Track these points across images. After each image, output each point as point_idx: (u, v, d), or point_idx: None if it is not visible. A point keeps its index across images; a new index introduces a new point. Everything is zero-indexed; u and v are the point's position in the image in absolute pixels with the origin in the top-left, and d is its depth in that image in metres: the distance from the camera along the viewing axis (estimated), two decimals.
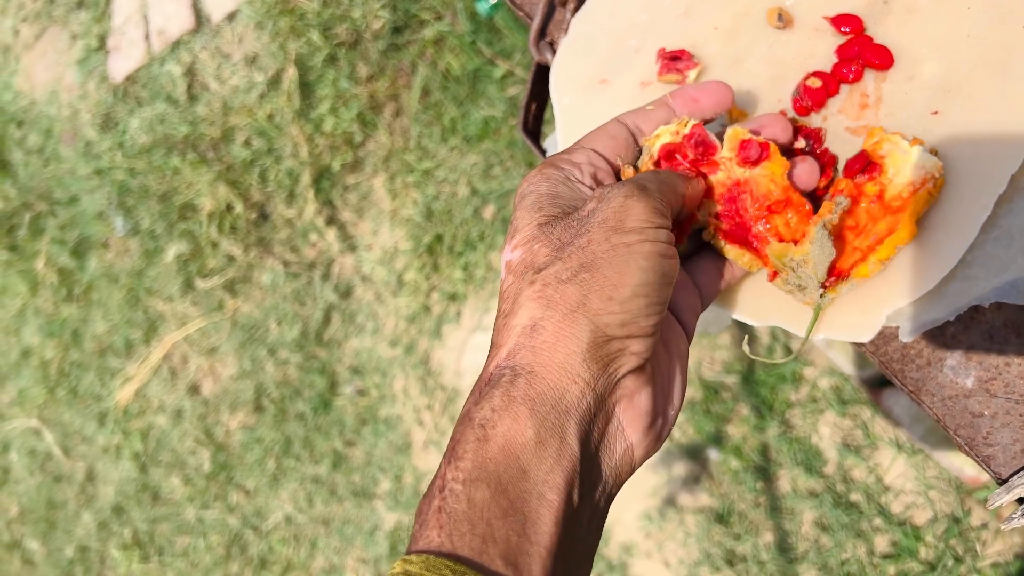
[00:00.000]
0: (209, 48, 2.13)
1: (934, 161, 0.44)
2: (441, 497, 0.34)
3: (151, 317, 2.22)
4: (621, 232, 0.38)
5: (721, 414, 1.52)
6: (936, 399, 0.46)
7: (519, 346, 0.37)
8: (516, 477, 0.34)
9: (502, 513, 0.34)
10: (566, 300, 0.37)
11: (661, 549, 1.53)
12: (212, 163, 2.10)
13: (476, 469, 0.34)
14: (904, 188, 0.44)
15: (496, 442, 0.35)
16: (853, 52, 0.50)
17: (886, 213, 0.44)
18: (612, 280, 0.37)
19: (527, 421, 0.35)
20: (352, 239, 1.96)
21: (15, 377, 2.51)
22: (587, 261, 0.37)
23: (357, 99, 1.92)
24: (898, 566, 1.33)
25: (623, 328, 0.37)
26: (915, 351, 0.47)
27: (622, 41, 0.56)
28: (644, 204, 0.39)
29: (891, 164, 0.44)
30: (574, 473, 0.35)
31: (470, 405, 0.37)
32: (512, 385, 0.36)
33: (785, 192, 0.45)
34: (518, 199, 0.43)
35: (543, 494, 0.34)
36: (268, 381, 2.03)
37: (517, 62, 1.74)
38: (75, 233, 2.38)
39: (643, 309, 0.37)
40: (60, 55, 2.46)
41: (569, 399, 0.36)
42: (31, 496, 2.45)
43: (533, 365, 0.36)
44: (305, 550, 1.94)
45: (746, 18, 0.54)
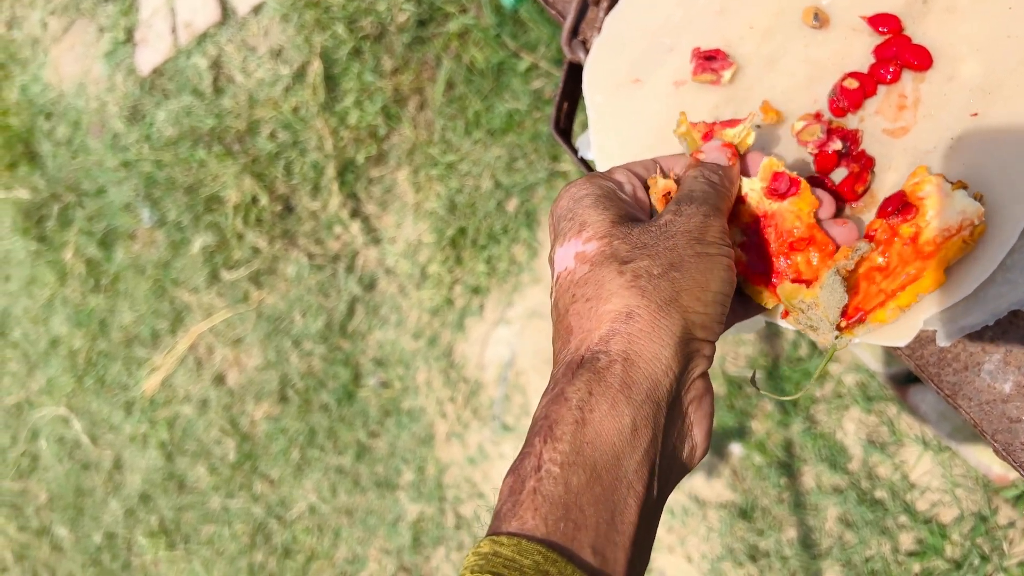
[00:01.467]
0: (235, 41, 2.14)
1: (976, 207, 0.42)
2: (537, 478, 0.34)
3: (177, 308, 2.24)
4: (704, 243, 0.40)
5: (745, 409, 1.52)
6: (973, 403, 0.46)
7: (613, 331, 0.37)
8: (610, 464, 0.35)
9: (595, 500, 0.34)
10: (660, 293, 0.38)
11: (684, 544, 1.53)
12: (238, 156, 2.12)
13: (574, 452, 0.34)
14: (939, 233, 0.42)
15: (594, 427, 0.35)
16: (891, 52, 0.49)
17: (916, 257, 0.43)
18: (700, 282, 0.39)
19: (624, 408, 0.35)
20: (376, 232, 1.96)
21: (44, 366, 2.55)
22: (676, 261, 0.39)
23: (381, 92, 1.93)
24: (923, 564, 1.33)
25: (703, 330, 0.39)
26: (952, 355, 0.47)
27: (656, 39, 0.56)
28: (720, 224, 0.41)
29: (930, 206, 0.43)
30: (655, 464, 0.36)
31: (564, 384, 0.37)
32: (608, 371, 0.36)
33: (810, 230, 0.44)
34: (570, 202, 0.43)
35: (632, 483, 0.35)
36: (292, 372, 2.04)
37: (542, 55, 1.74)
38: (103, 224, 2.41)
39: (719, 315, 0.40)
40: (88, 48, 2.48)
41: (661, 390, 0.37)
42: (60, 483, 2.49)
43: (629, 352, 0.37)
44: (328, 540, 1.96)
45: (782, 17, 0.53)
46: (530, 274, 1.75)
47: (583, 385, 0.36)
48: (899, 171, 0.48)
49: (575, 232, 0.42)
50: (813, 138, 0.48)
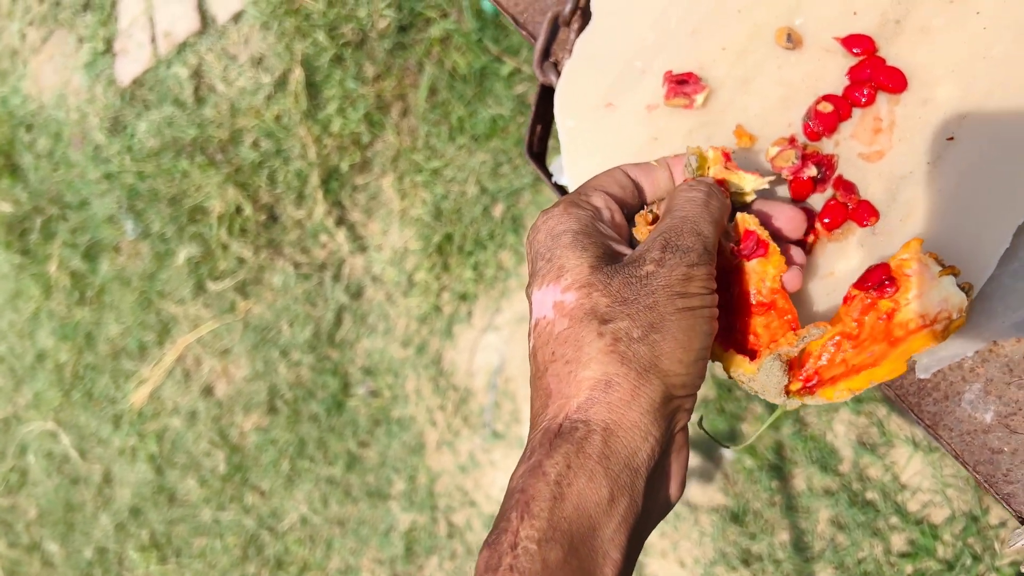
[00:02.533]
0: (215, 50, 2.12)
1: (960, 298, 0.40)
2: (513, 555, 0.34)
3: (163, 320, 2.23)
4: (685, 297, 0.39)
5: (735, 413, 1.51)
6: (954, 434, 0.45)
7: (592, 400, 0.37)
8: (586, 536, 0.35)
9: (571, 574, 0.34)
10: (639, 359, 0.37)
11: (676, 549, 1.52)
12: (221, 165, 2.10)
13: (551, 528, 0.35)
14: (915, 318, 0.40)
15: (571, 500, 0.35)
16: (865, 74, 0.48)
17: (884, 338, 0.41)
18: (682, 343, 0.38)
19: (602, 479, 0.36)
20: (362, 240, 1.95)
21: (31, 380, 2.53)
22: (655, 322, 0.38)
23: (364, 99, 1.91)
24: (915, 565, 1.32)
25: (684, 389, 0.38)
26: (932, 384, 0.46)
27: (628, 63, 0.55)
28: (705, 272, 0.40)
29: (914, 285, 0.40)
30: (633, 528, 0.36)
31: (541, 456, 0.37)
32: (587, 441, 0.36)
33: (772, 295, 0.43)
34: (548, 239, 0.42)
35: (608, 553, 0.35)
36: (281, 382, 2.03)
37: (524, 59, 1.73)
38: (86, 237, 2.38)
39: (700, 371, 0.39)
40: (67, 58, 2.46)
41: (640, 457, 0.37)
42: (49, 498, 2.47)
43: (608, 423, 0.37)
44: (321, 551, 1.95)
45: (755, 38, 0.52)
46: (517, 279, 1.74)
47: (561, 459, 0.36)
48: (875, 197, 0.47)
49: (553, 277, 0.41)
50: (788, 164, 0.47)
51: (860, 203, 0.46)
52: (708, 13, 0.54)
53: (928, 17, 0.48)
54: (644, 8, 0.55)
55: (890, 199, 0.46)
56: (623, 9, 0.56)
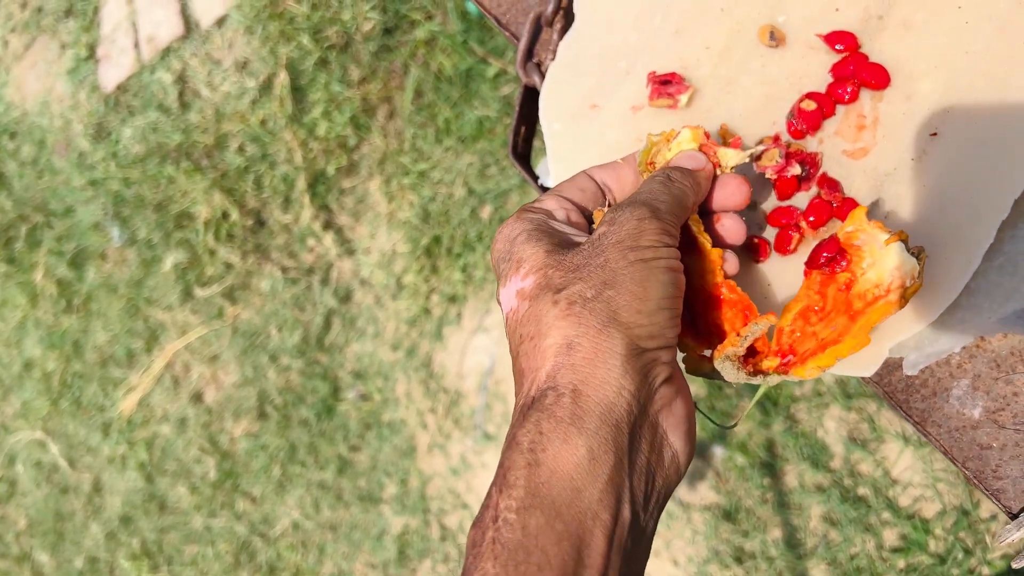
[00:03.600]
0: (199, 54, 2.11)
1: (912, 264, 0.39)
2: (495, 528, 0.34)
3: (151, 326, 2.21)
4: (637, 250, 0.39)
5: (726, 410, 1.51)
6: (943, 430, 0.45)
7: (558, 366, 0.37)
8: (570, 499, 0.34)
9: (557, 539, 0.33)
10: (596, 316, 0.37)
11: (669, 547, 1.52)
12: (207, 171, 2.09)
13: (529, 495, 0.34)
14: (871, 288, 0.40)
15: (547, 465, 0.35)
16: (848, 71, 0.48)
17: (845, 311, 0.40)
18: (637, 295, 0.37)
19: (577, 440, 0.35)
20: (350, 243, 1.94)
21: (18, 389, 2.51)
22: (608, 279, 0.38)
23: (350, 102, 1.90)
24: (908, 559, 1.33)
25: (653, 340, 0.38)
26: (919, 380, 0.46)
27: (612, 63, 0.55)
28: (657, 225, 0.40)
29: (867, 254, 0.40)
30: (624, 487, 0.35)
31: (516, 429, 0.36)
32: (557, 405, 0.36)
33: (717, 290, 0.43)
34: (505, 244, 0.43)
35: (597, 514, 0.34)
36: (271, 388, 2.02)
37: (509, 60, 1.73)
38: (72, 244, 2.37)
39: (667, 321, 0.38)
40: (50, 65, 2.44)
41: (617, 412, 0.36)
42: (39, 508, 2.45)
43: (575, 383, 0.36)
44: (313, 556, 1.94)
45: (738, 36, 0.52)
46: None
47: (533, 426, 0.35)
48: (860, 194, 0.47)
49: (514, 270, 0.41)
50: (772, 163, 0.47)
51: (845, 200, 0.46)
52: (691, 12, 0.53)
53: (910, 12, 0.48)
54: (626, 8, 0.55)
55: (875, 195, 0.46)
56: (605, 9, 0.56)
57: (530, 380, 0.38)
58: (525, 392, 0.38)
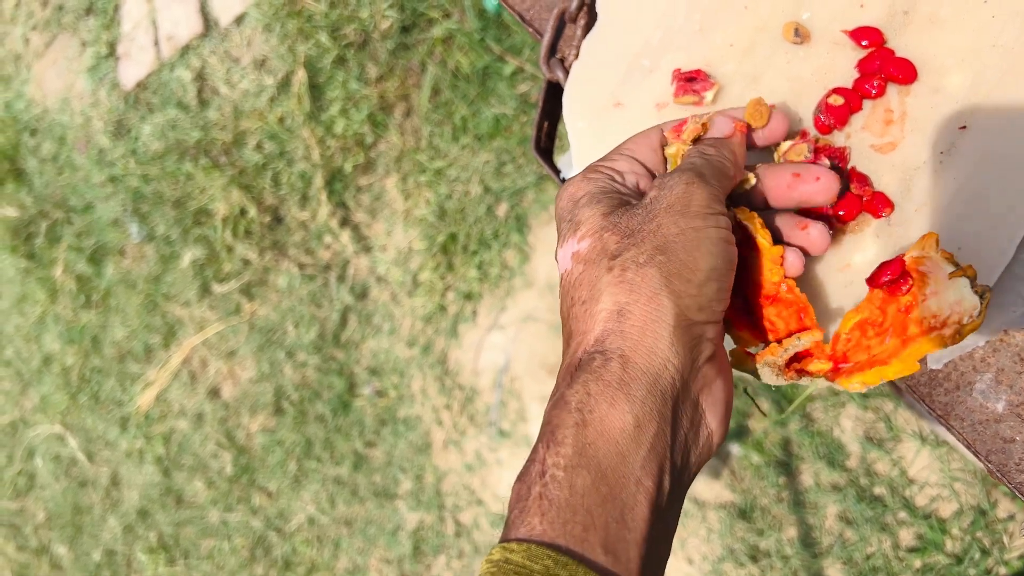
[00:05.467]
0: (218, 52, 2.12)
1: (973, 302, 0.38)
2: (542, 483, 0.34)
3: (169, 322, 2.23)
4: (687, 216, 0.38)
5: (741, 408, 1.51)
6: (966, 424, 0.45)
7: (607, 331, 0.37)
8: (616, 462, 0.34)
9: (602, 500, 0.33)
10: (648, 283, 0.37)
11: (684, 546, 1.52)
12: (225, 168, 2.10)
13: (576, 455, 0.34)
14: (928, 317, 0.39)
15: (595, 427, 0.35)
16: (874, 66, 0.48)
17: (902, 332, 0.40)
18: (688, 263, 0.37)
19: (624, 405, 0.35)
20: (366, 240, 1.95)
21: (37, 384, 2.53)
22: (661, 244, 0.38)
23: (367, 100, 1.91)
24: (924, 559, 1.32)
25: (701, 312, 0.37)
26: (943, 374, 0.46)
27: (636, 61, 0.55)
28: (705, 191, 0.39)
29: (932, 282, 0.39)
30: (666, 458, 0.35)
31: (563, 389, 0.37)
32: (605, 369, 0.36)
33: (776, 288, 0.43)
34: (569, 203, 0.43)
35: (640, 480, 0.34)
36: (287, 383, 2.03)
37: (527, 58, 1.73)
38: (91, 240, 2.39)
39: (716, 294, 0.38)
40: (71, 63, 2.46)
41: (663, 383, 0.36)
42: (57, 501, 2.47)
43: (624, 349, 0.36)
44: (329, 551, 1.95)
45: (762, 33, 0.52)
46: (522, 278, 1.74)
47: (581, 387, 0.36)
48: (888, 188, 0.47)
49: (572, 232, 0.41)
50: (800, 158, 0.48)
51: (874, 195, 0.46)
52: (714, 9, 0.54)
53: (936, 7, 0.48)
54: (650, 5, 0.56)
55: (904, 190, 0.46)
56: (629, 7, 0.56)
57: (578, 342, 0.38)
58: (572, 353, 0.38)
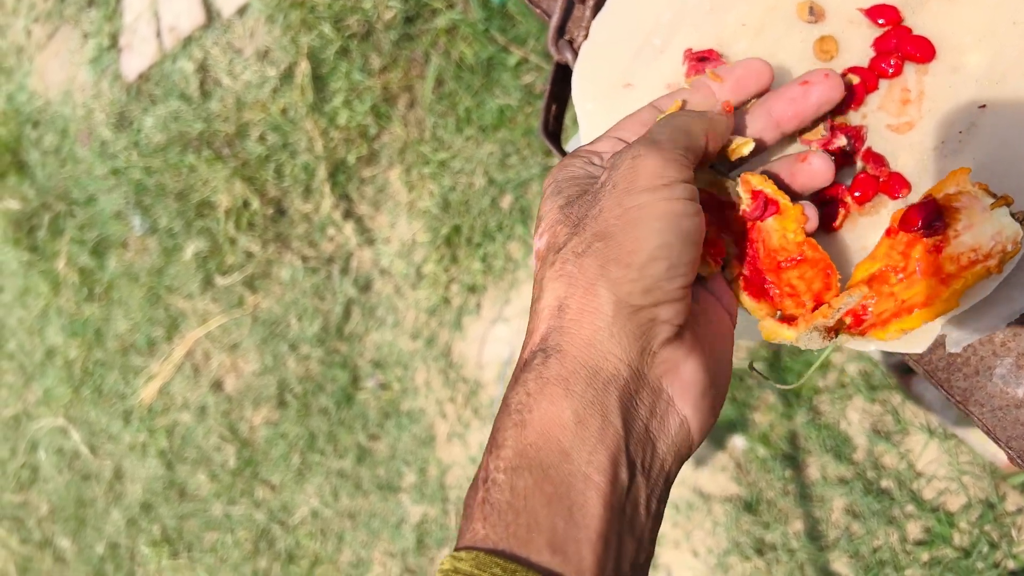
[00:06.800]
0: (220, 44, 2.11)
1: (1016, 229, 0.37)
2: (485, 488, 0.33)
3: (172, 315, 2.23)
4: (632, 193, 0.36)
5: (746, 401, 1.50)
6: (985, 410, 0.44)
7: (550, 328, 0.36)
8: (558, 460, 0.33)
9: (547, 500, 0.32)
10: (585, 274, 0.35)
11: (689, 539, 1.52)
12: (227, 160, 2.09)
13: (517, 456, 0.33)
14: (966, 252, 0.37)
15: (534, 426, 0.34)
16: (891, 45, 0.47)
17: (933, 274, 0.38)
18: (627, 246, 0.35)
19: (563, 402, 0.34)
20: (370, 232, 1.95)
21: (40, 377, 2.53)
22: (600, 230, 0.36)
23: (371, 91, 1.90)
24: (931, 553, 1.31)
25: (647, 295, 0.35)
26: (962, 359, 0.45)
27: (646, 41, 0.54)
28: (654, 161, 0.36)
29: (965, 216, 0.38)
30: (619, 451, 0.34)
31: (507, 393, 0.36)
32: (544, 367, 0.35)
33: (799, 249, 0.41)
34: (541, 198, 0.42)
35: (588, 475, 0.33)
36: (290, 376, 2.03)
37: (531, 49, 1.72)
38: (94, 233, 2.38)
39: (664, 272, 0.35)
40: (73, 54, 2.46)
41: (604, 375, 0.34)
42: (60, 494, 2.47)
43: (562, 344, 0.35)
44: (332, 544, 1.95)
45: (775, 12, 0.51)
46: (526, 271, 1.73)
47: (521, 388, 0.35)
48: (906, 169, 0.46)
49: (536, 229, 0.40)
50: (817, 137, 0.47)
51: (891, 175, 0.45)
52: None
53: None
54: None
55: (921, 170, 0.45)
56: None
57: (526, 343, 0.37)
58: (521, 355, 0.37)
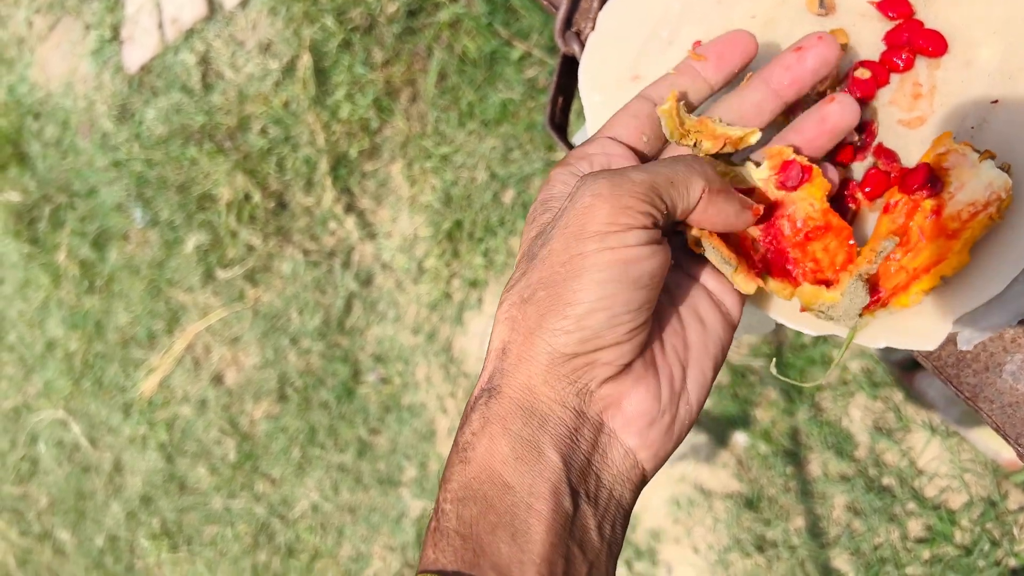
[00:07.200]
0: (223, 36, 2.10)
1: (1004, 179, 0.39)
2: (436, 519, 0.36)
3: (173, 308, 2.22)
4: (581, 239, 0.36)
5: (748, 398, 1.50)
6: (995, 406, 0.44)
7: (495, 370, 0.38)
8: (501, 492, 0.35)
9: (491, 527, 0.35)
10: (527, 321, 0.37)
11: (690, 535, 1.52)
12: (229, 152, 2.09)
13: (462, 488, 0.36)
14: (965, 208, 0.39)
15: (477, 462, 0.36)
16: (902, 38, 0.47)
17: (939, 235, 0.40)
18: (565, 298, 0.36)
19: (502, 439, 0.36)
20: (371, 226, 1.94)
21: (41, 369, 2.53)
22: (545, 276, 0.37)
23: (373, 85, 1.90)
24: (933, 550, 1.31)
25: (585, 344, 0.36)
26: (971, 355, 0.45)
27: (653, 33, 0.54)
28: (611, 205, 0.35)
29: (955, 177, 0.40)
30: (560, 482, 0.36)
31: (457, 433, 0.38)
32: (487, 407, 0.37)
33: (824, 216, 0.41)
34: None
35: (531, 505, 0.35)
36: (291, 370, 2.02)
37: (535, 43, 1.71)
38: (95, 225, 2.38)
39: (605, 322, 0.35)
40: (74, 46, 2.45)
41: (538, 415, 0.36)
42: (60, 487, 2.47)
43: (503, 386, 0.37)
44: (332, 538, 1.95)
45: (785, 5, 0.51)
46: None
47: (467, 428, 0.37)
48: None
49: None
50: None
51: (902, 171, 0.45)
52: None
53: None
54: None
55: None
56: None
57: (479, 380, 0.39)
58: (473, 392, 0.39)
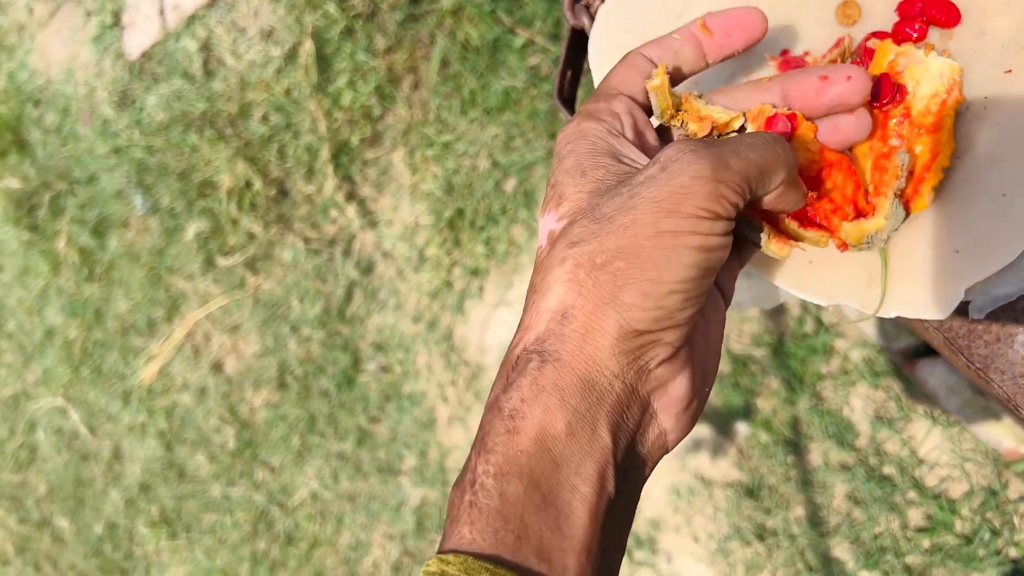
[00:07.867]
0: (224, 22, 2.10)
1: (950, 64, 0.42)
2: (472, 492, 0.33)
3: (173, 295, 2.22)
4: (674, 217, 0.34)
5: (750, 387, 1.50)
6: (1006, 377, 0.44)
7: (549, 332, 0.35)
8: (548, 470, 0.33)
9: (535, 508, 0.32)
10: (599, 290, 0.34)
11: (690, 524, 1.52)
12: (230, 140, 2.08)
13: (507, 463, 0.33)
14: (930, 101, 0.42)
15: (527, 434, 0.33)
16: (916, 9, 0.46)
17: (921, 133, 0.42)
18: (649, 275, 0.34)
19: (557, 412, 0.34)
20: (372, 215, 1.94)
21: (40, 357, 2.52)
22: (626, 246, 0.34)
23: (375, 72, 1.89)
24: (933, 539, 1.31)
25: (656, 323, 0.34)
26: (983, 326, 0.45)
27: (665, 6, 0.53)
28: (708, 191, 0.34)
29: (909, 77, 0.42)
30: (607, 463, 0.34)
31: (498, 391, 0.35)
32: (540, 373, 0.34)
33: (822, 155, 0.42)
34: (556, 160, 0.40)
35: (576, 486, 0.33)
36: (291, 358, 2.02)
37: (538, 30, 1.71)
38: (95, 212, 2.37)
39: (679, 304, 0.34)
40: (75, 32, 2.44)
41: (598, 390, 0.34)
42: (59, 474, 2.47)
43: (561, 353, 0.34)
44: (331, 526, 1.95)
45: None
46: (530, 255, 1.73)
47: (515, 392, 0.34)
48: None
49: (554, 204, 0.38)
50: None
51: None
52: None
53: None
54: None
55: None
56: None
57: (520, 336, 0.36)
58: (513, 347, 0.36)
